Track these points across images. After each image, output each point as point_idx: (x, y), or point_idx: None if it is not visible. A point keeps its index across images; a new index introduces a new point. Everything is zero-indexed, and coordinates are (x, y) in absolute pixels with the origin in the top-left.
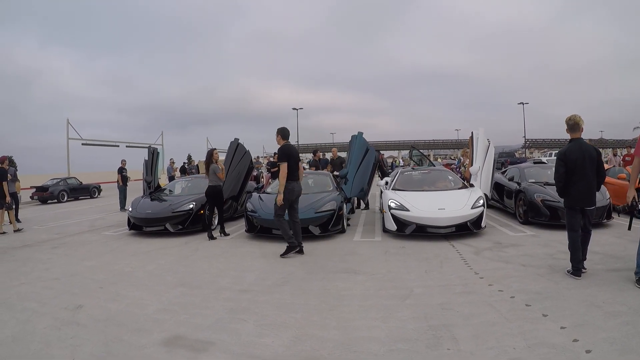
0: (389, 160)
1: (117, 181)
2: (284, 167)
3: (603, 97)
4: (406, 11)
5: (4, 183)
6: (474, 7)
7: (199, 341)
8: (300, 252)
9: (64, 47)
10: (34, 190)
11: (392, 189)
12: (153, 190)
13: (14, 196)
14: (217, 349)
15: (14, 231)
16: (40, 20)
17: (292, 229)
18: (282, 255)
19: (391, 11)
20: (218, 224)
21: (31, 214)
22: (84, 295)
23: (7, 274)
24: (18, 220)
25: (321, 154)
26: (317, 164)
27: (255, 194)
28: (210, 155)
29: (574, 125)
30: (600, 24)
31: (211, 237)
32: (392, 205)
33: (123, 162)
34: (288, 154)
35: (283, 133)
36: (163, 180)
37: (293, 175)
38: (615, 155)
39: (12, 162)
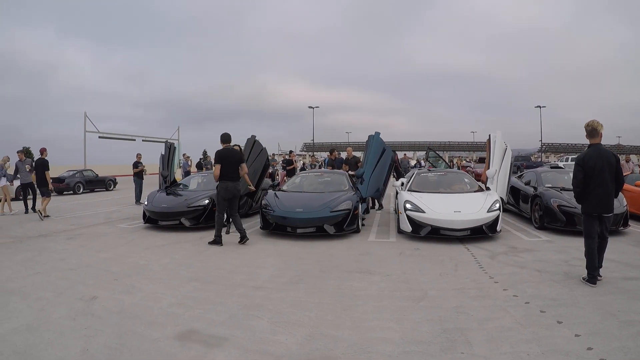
0: (413, 162)
1: (133, 174)
2: (216, 169)
3: (622, 101)
4: (424, 10)
5: (47, 172)
6: (492, 7)
7: (213, 336)
8: (218, 243)
9: (82, 39)
10: (50, 181)
11: (408, 190)
12: (169, 184)
13: (31, 186)
14: (231, 344)
15: (38, 215)
16: (58, 12)
17: (237, 223)
18: (210, 242)
19: (409, 10)
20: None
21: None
22: (99, 286)
23: (22, 263)
24: (33, 210)
25: (337, 153)
26: (333, 163)
27: (270, 192)
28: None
29: (592, 131)
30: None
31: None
32: (408, 206)
33: (138, 155)
34: (222, 157)
35: (222, 138)
36: (178, 175)
37: (227, 176)
38: (628, 161)
39: (29, 154)
